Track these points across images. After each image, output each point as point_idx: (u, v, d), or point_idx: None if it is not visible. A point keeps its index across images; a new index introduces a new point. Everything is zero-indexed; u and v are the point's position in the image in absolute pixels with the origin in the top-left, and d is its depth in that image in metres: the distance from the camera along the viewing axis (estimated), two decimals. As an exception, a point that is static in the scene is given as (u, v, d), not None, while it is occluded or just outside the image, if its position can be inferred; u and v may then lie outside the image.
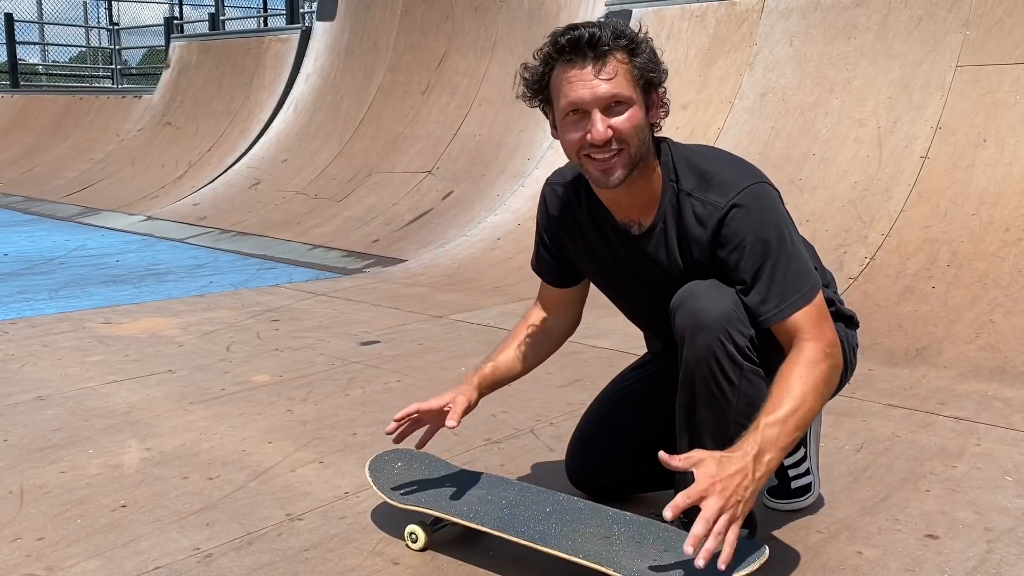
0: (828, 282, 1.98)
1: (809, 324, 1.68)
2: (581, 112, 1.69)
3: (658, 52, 1.75)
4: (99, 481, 2.33)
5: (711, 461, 1.54)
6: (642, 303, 1.98)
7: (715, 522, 1.48)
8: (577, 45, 1.66)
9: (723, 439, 1.75)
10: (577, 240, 1.95)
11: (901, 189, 4.44)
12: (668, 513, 1.49)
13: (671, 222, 1.79)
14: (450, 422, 1.87)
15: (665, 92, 1.76)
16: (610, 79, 1.66)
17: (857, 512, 2.15)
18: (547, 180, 2.00)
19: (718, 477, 1.51)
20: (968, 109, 4.51)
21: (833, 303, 1.93)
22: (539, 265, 2.08)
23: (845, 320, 1.96)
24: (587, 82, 1.66)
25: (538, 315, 2.10)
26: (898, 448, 2.56)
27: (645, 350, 2.24)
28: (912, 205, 4.34)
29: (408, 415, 1.94)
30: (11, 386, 3.17)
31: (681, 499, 1.49)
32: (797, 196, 4.69)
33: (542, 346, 2.09)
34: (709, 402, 1.72)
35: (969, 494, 2.25)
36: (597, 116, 1.67)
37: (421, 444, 2.01)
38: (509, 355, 2.06)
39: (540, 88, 1.75)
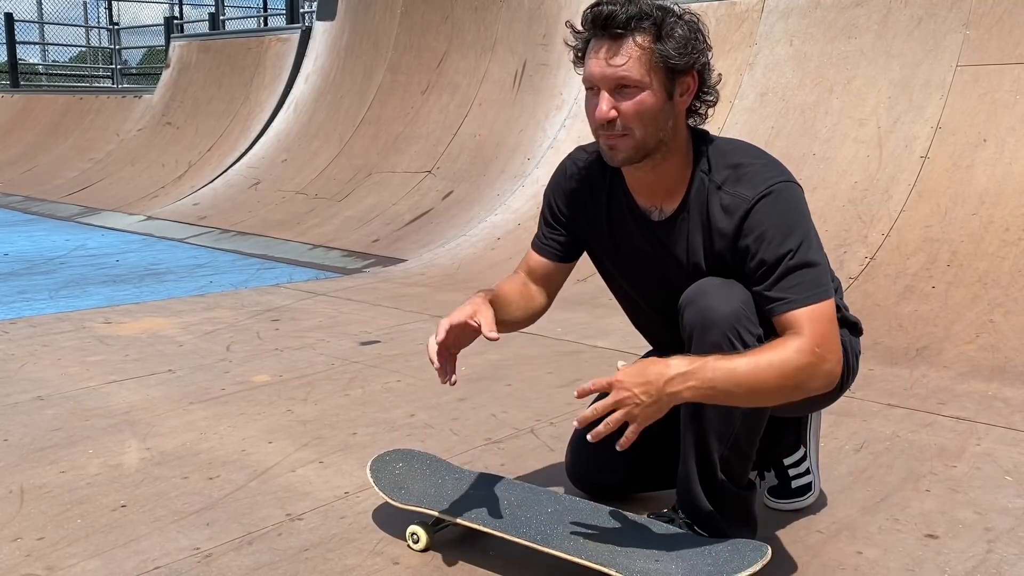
0: (836, 287, 1.98)
1: (810, 324, 1.66)
2: (595, 89, 1.70)
3: (704, 33, 1.73)
4: (99, 481, 2.33)
5: (633, 366, 1.61)
6: (648, 293, 1.95)
7: (607, 412, 1.58)
8: (596, 21, 1.67)
9: (728, 438, 1.75)
10: (591, 214, 1.93)
11: (901, 189, 4.44)
12: (576, 392, 1.60)
13: (695, 212, 1.78)
14: (491, 334, 1.77)
15: (704, 79, 1.74)
16: (620, 61, 1.65)
17: (857, 512, 2.15)
18: (570, 153, 1.99)
19: (625, 376, 1.58)
20: (968, 109, 4.51)
21: (839, 309, 1.93)
22: (544, 236, 2.02)
23: (849, 327, 1.95)
24: (600, 61, 1.67)
25: (523, 280, 2.04)
26: (898, 448, 2.56)
27: (645, 349, 2.23)
28: (912, 205, 4.34)
29: (444, 354, 1.79)
30: (11, 386, 3.17)
31: (589, 384, 1.59)
32: (797, 196, 4.69)
33: (525, 309, 2.01)
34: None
35: (969, 494, 2.25)
36: (604, 96, 1.68)
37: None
38: (506, 300, 1.96)
39: (582, 56, 1.75)
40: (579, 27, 1.73)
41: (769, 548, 1.69)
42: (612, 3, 1.66)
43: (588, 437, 1.62)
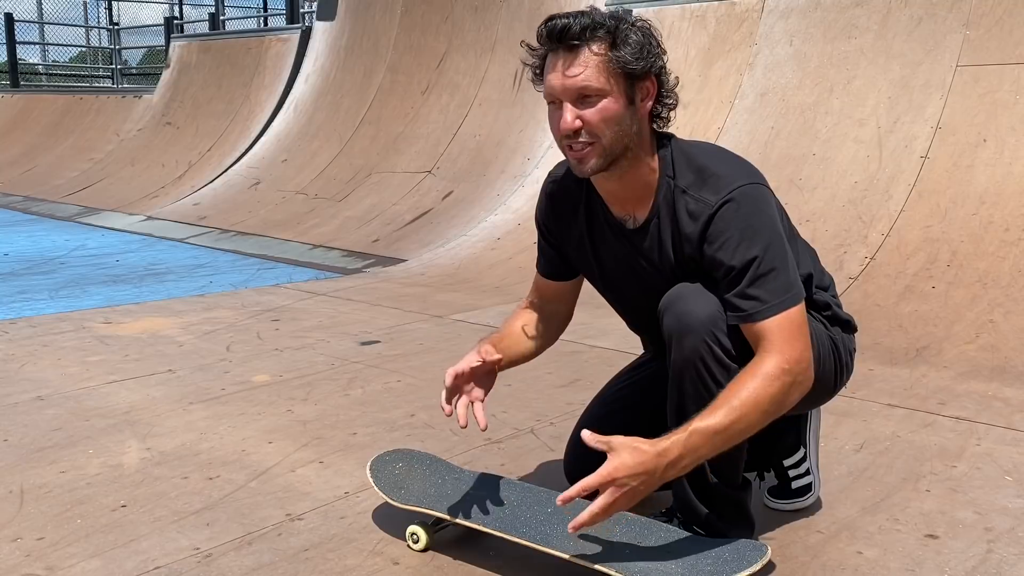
0: (827, 285, 1.97)
1: (779, 335, 1.66)
2: (557, 102, 1.71)
3: (657, 38, 1.74)
4: (99, 481, 2.33)
5: (625, 451, 1.58)
6: (633, 300, 1.97)
7: (600, 512, 1.57)
8: (551, 35, 1.68)
9: None
10: (574, 232, 1.95)
11: (901, 189, 4.44)
12: (559, 500, 1.61)
13: (665, 218, 1.79)
14: (490, 357, 1.81)
15: (662, 82, 1.75)
16: (578, 70, 1.67)
17: (857, 512, 2.15)
18: (549, 172, 2.01)
19: (622, 472, 1.56)
20: (968, 109, 4.51)
21: (830, 307, 1.93)
22: (539, 257, 2.07)
23: (842, 324, 1.95)
24: (558, 73, 1.68)
25: (534, 304, 2.08)
26: (898, 448, 2.56)
27: (643, 350, 2.24)
28: (912, 205, 4.34)
29: (454, 398, 1.82)
30: (11, 386, 3.17)
31: (581, 483, 1.57)
32: (797, 196, 4.69)
33: (542, 333, 2.06)
34: (698, 403, 1.72)
35: (969, 494, 2.25)
36: (567, 107, 1.69)
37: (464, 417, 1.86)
38: (515, 335, 2.02)
39: (541, 73, 1.76)
40: (535, 44, 1.75)
41: (769, 548, 1.69)
42: (565, 16, 1.68)
43: (571, 525, 1.61)
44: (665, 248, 1.80)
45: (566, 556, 1.71)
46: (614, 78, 1.68)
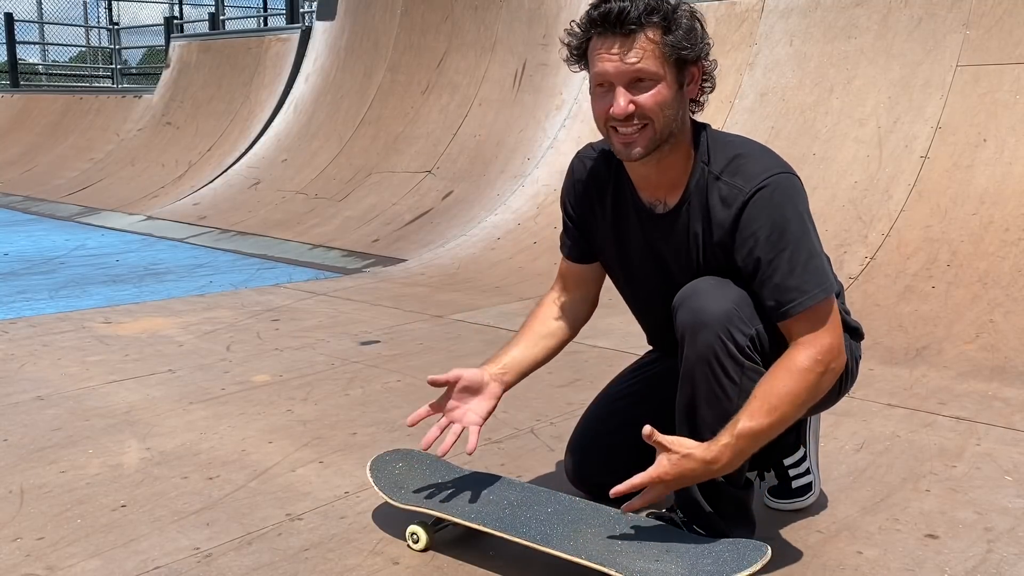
0: (838, 292, 1.97)
1: (811, 327, 1.68)
2: (607, 85, 1.71)
3: (703, 23, 1.76)
4: (99, 481, 2.33)
5: (676, 455, 1.66)
6: (649, 290, 1.96)
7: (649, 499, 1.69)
8: (607, 19, 1.67)
9: None
10: (599, 213, 1.95)
11: (901, 189, 4.44)
12: (612, 490, 1.69)
13: (696, 204, 1.79)
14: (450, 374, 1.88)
15: (708, 67, 1.77)
16: (635, 56, 1.67)
17: (857, 512, 2.15)
18: (578, 152, 2.01)
19: (671, 475, 1.65)
20: (968, 109, 4.51)
21: (840, 314, 1.93)
22: (564, 238, 2.06)
23: (851, 331, 1.95)
24: (612, 57, 1.68)
25: (556, 296, 2.08)
26: (898, 448, 2.56)
27: (645, 350, 2.23)
28: (912, 205, 4.34)
29: (440, 414, 1.89)
30: (11, 386, 3.17)
31: (630, 481, 1.67)
32: (797, 196, 4.69)
33: (562, 327, 2.06)
34: (710, 400, 1.73)
35: (969, 494, 2.25)
36: (620, 91, 1.69)
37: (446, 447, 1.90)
38: (530, 339, 2.03)
39: (580, 55, 1.77)
40: (579, 27, 1.74)
41: (769, 548, 1.69)
42: (620, 2, 1.66)
43: (622, 508, 1.74)
44: (694, 234, 1.80)
45: (566, 556, 1.70)
46: (667, 63, 1.69)
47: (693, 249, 1.81)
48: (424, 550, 1.93)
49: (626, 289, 2.04)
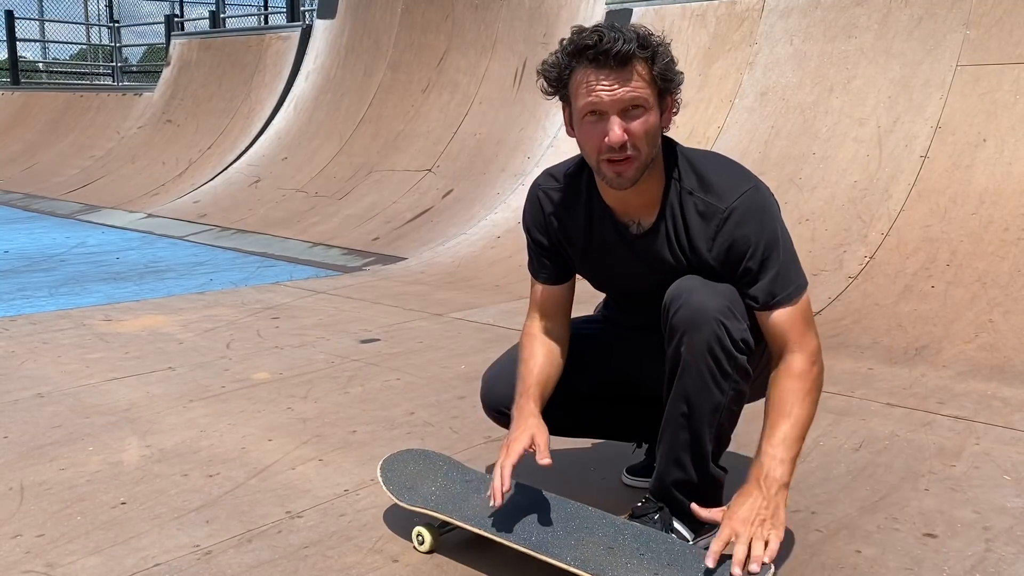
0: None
1: (795, 330, 1.78)
2: (599, 114, 1.73)
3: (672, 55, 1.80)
4: (99, 478, 2.33)
5: (736, 512, 1.68)
6: (641, 295, 1.98)
7: (747, 559, 1.62)
8: (601, 53, 1.69)
9: (714, 428, 1.81)
10: (572, 238, 1.96)
11: (901, 188, 4.44)
12: (709, 561, 1.65)
13: (673, 219, 1.84)
14: (543, 461, 1.80)
15: (679, 95, 1.81)
16: (630, 86, 1.70)
17: (856, 511, 2.15)
18: (535, 184, 2.00)
19: (741, 525, 1.66)
20: (968, 109, 4.51)
21: None
22: (536, 267, 2.05)
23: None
24: (608, 87, 1.70)
25: (540, 325, 2.05)
26: (897, 447, 2.56)
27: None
28: (912, 204, 4.34)
29: (507, 481, 1.82)
30: (11, 383, 3.17)
31: (711, 551, 1.65)
32: (797, 195, 4.69)
33: (559, 353, 2.04)
34: (703, 393, 1.78)
35: (968, 493, 2.25)
36: (615, 119, 1.71)
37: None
38: (545, 370, 1.99)
39: (560, 84, 1.78)
40: (561, 58, 1.75)
41: (773, 567, 1.67)
42: (611, 30, 1.68)
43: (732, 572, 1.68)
44: (672, 249, 1.85)
45: (564, 566, 1.71)
46: (654, 93, 1.74)
47: (677, 260, 1.86)
48: (429, 552, 1.93)
49: (605, 287, 2.08)
